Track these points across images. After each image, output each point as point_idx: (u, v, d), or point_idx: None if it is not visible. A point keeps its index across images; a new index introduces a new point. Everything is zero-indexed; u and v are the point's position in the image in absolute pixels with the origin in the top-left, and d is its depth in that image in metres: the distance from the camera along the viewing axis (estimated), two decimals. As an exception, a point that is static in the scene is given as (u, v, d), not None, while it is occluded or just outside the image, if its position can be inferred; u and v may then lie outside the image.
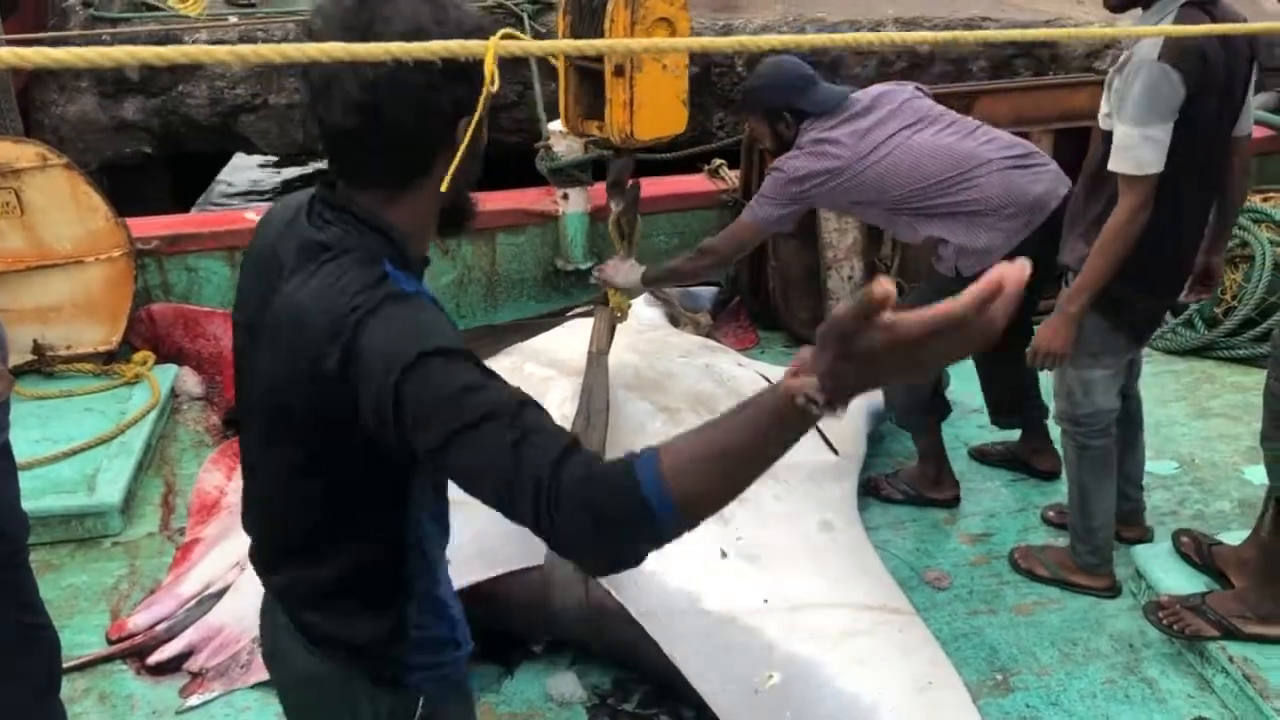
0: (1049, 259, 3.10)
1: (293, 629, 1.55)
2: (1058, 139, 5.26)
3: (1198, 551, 3.21)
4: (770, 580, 2.82)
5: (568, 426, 2.61)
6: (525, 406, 1.20)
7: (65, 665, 2.98)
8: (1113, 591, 3.30)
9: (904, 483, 3.80)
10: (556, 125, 5.12)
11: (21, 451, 3.73)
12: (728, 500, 1.16)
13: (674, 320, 4.53)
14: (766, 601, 2.76)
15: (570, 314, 4.72)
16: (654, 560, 1.20)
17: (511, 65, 7.48)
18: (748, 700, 2.62)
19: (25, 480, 3.63)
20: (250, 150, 7.98)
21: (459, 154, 1.35)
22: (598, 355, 3.34)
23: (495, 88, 1.26)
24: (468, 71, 1.30)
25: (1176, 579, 3.17)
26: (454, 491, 1.32)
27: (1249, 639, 2.88)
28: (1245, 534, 3.31)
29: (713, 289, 5.24)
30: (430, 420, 1.21)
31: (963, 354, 1.01)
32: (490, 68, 1.25)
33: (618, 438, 3.02)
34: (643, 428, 3.11)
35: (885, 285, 0.99)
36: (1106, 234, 2.83)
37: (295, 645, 1.55)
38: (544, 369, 3.51)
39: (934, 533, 3.64)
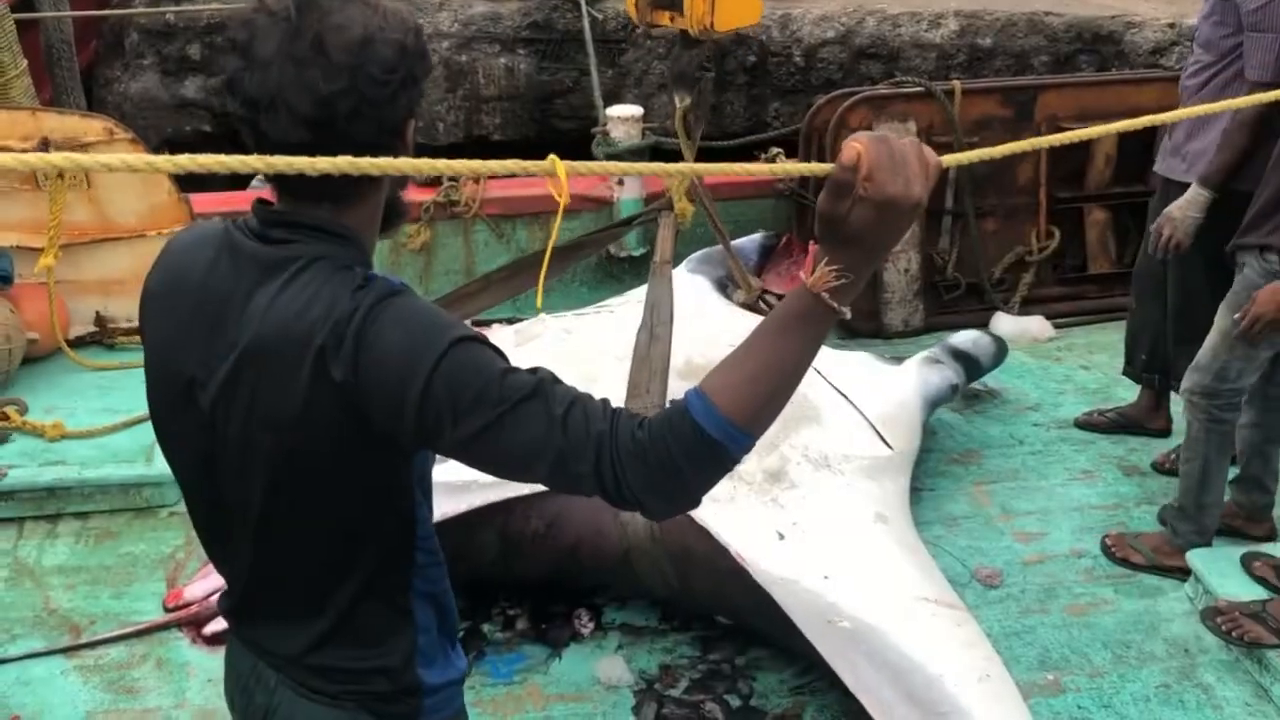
0: None
1: (286, 681, 1.45)
2: (1121, 136, 5.17)
3: (1279, 576, 3.11)
4: (829, 561, 2.79)
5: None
6: (556, 382, 1.24)
7: (124, 631, 3.06)
8: None
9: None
10: (614, 111, 5.14)
11: (81, 421, 3.84)
12: (780, 408, 1.24)
13: (723, 286, 4.35)
14: (827, 578, 2.73)
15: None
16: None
17: (570, 52, 7.50)
18: (823, 629, 2.61)
19: (86, 449, 3.74)
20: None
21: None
22: (661, 265, 3.28)
23: (567, 200, 1.21)
24: (417, 75, 1.29)
25: (1235, 584, 3.11)
26: None
27: None
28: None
29: (756, 238, 5.09)
30: (472, 408, 1.20)
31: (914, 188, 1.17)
32: (564, 184, 1.18)
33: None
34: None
35: (850, 145, 1.16)
36: None
37: (290, 698, 1.45)
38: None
39: (986, 530, 3.60)
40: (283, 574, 1.41)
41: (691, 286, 4.04)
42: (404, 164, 1.10)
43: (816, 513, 2.97)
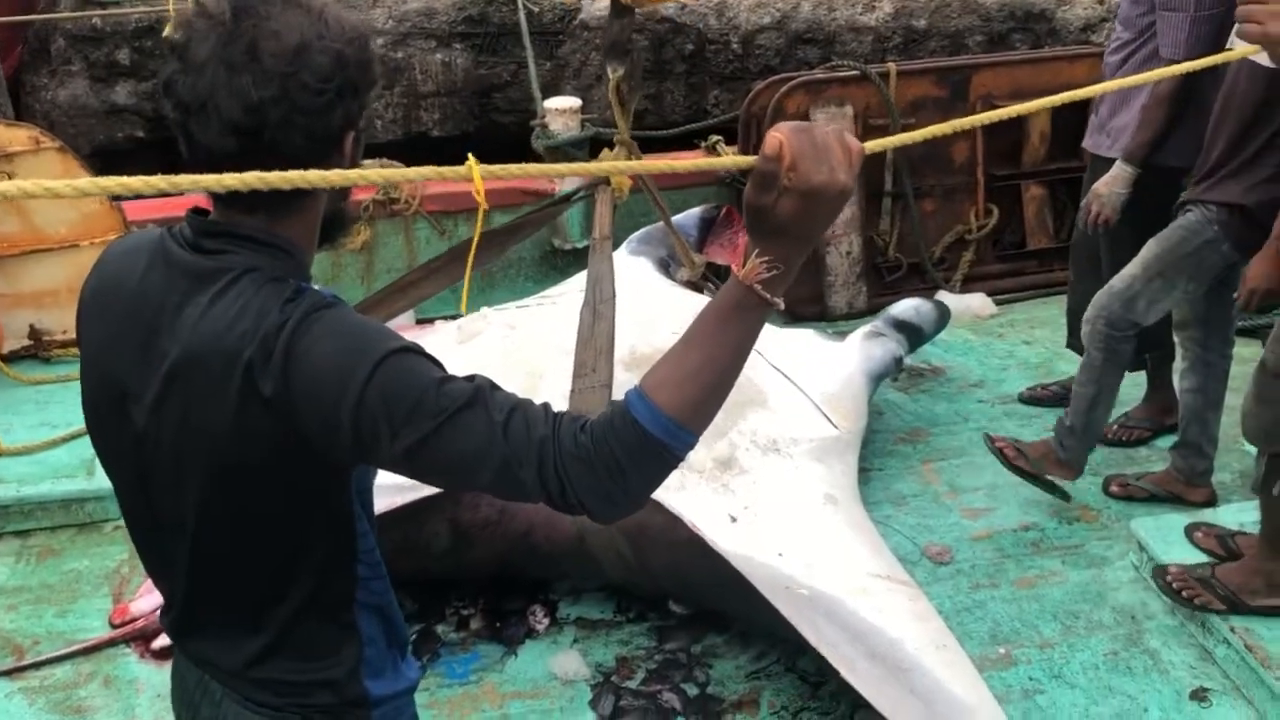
0: None
1: (234, 696, 1.43)
2: (1055, 113, 5.23)
3: (1222, 545, 3.15)
4: (781, 541, 2.81)
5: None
6: (495, 389, 1.23)
7: (69, 650, 3.01)
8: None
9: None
10: (551, 103, 5.11)
11: (20, 437, 3.77)
12: (720, 401, 1.24)
13: (666, 265, 4.29)
14: (781, 555, 2.74)
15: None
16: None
17: (507, 45, 7.45)
18: (781, 594, 2.62)
19: (25, 466, 3.67)
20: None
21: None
22: (600, 241, 3.24)
23: (485, 204, 1.23)
24: (356, 85, 1.26)
25: (1179, 552, 3.16)
26: None
27: (1254, 611, 2.87)
28: (1248, 507, 3.32)
29: (695, 213, 5.00)
30: (408, 420, 1.19)
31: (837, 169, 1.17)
32: (480, 188, 1.20)
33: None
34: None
35: (772, 136, 1.16)
36: None
37: (236, 711, 1.43)
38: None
39: (935, 508, 3.64)
40: (221, 589, 1.39)
41: (634, 269, 3.98)
42: (314, 176, 1.07)
43: (767, 496, 2.98)
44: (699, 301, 3.96)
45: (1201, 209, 3.27)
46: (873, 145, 1.31)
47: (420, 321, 4.85)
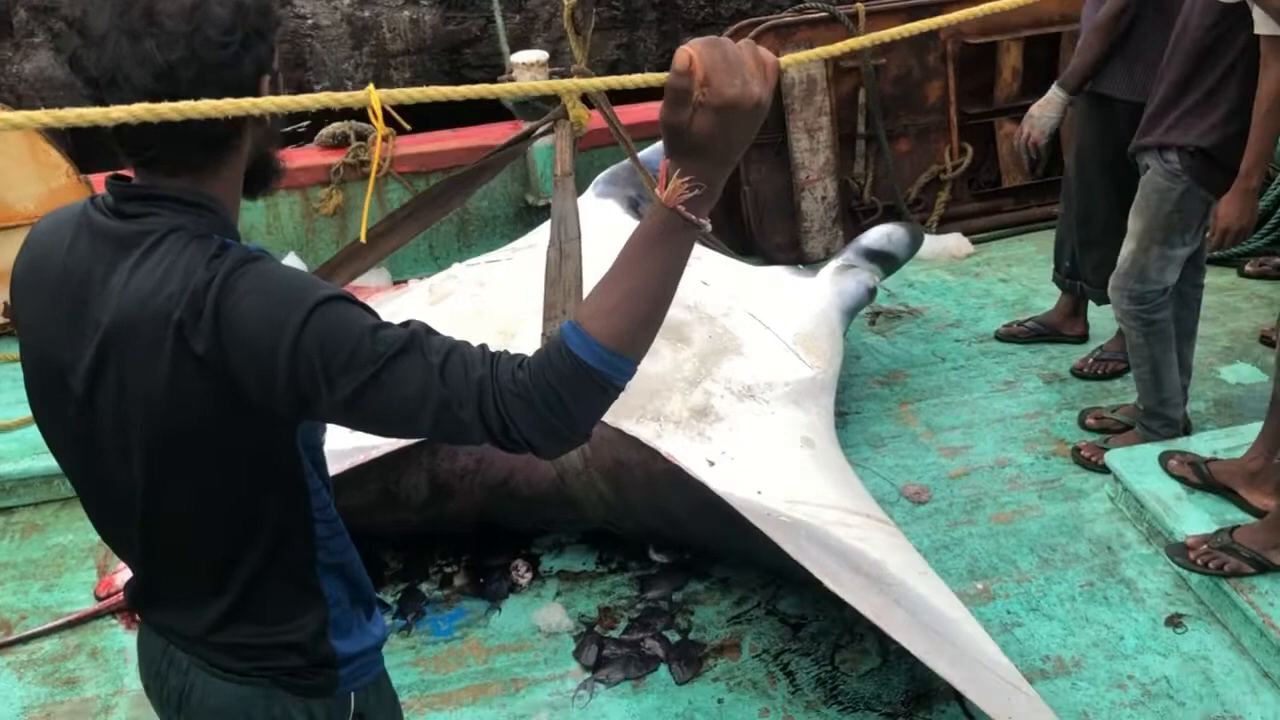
0: None
1: (199, 663, 1.44)
2: (1026, 47, 5.20)
3: (1196, 472, 3.15)
4: (759, 481, 2.83)
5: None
6: (430, 332, 1.23)
7: (56, 623, 3.03)
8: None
9: None
10: (519, 57, 5.06)
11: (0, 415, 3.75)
12: (657, 325, 1.25)
13: (634, 206, 4.20)
14: (760, 493, 2.76)
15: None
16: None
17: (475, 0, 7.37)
18: (763, 519, 2.63)
19: (5, 443, 3.67)
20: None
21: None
22: (563, 178, 3.21)
23: (383, 129, 1.21)
24: (260, 30, 1.25)
25: (1153, 480, 3.19)
26: None
27: None
28: (1220, 434, 3.35)
29: (660, 146, 5.02)
30: (345, 368, 1.19)
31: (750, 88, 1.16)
32: (378, 110, 1.16)
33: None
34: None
35: (682, 51, 1.15)
36: (1266, 101, 2.91)
37: (203, 679, 1.44)
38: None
39: (913, 448, 3.66)
40: (177, 556, 1.39)
41: (601, 212, 3.94)
42: (204, 105, 1.05)
43: (744, 441, 3.00)
44: None
45: (1160, 159, 3.21)
46: (788, 59, 1.30)
47: (397, 282, 4.84)
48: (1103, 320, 4.13)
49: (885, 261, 4.06)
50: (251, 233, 4.97)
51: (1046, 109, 3.70)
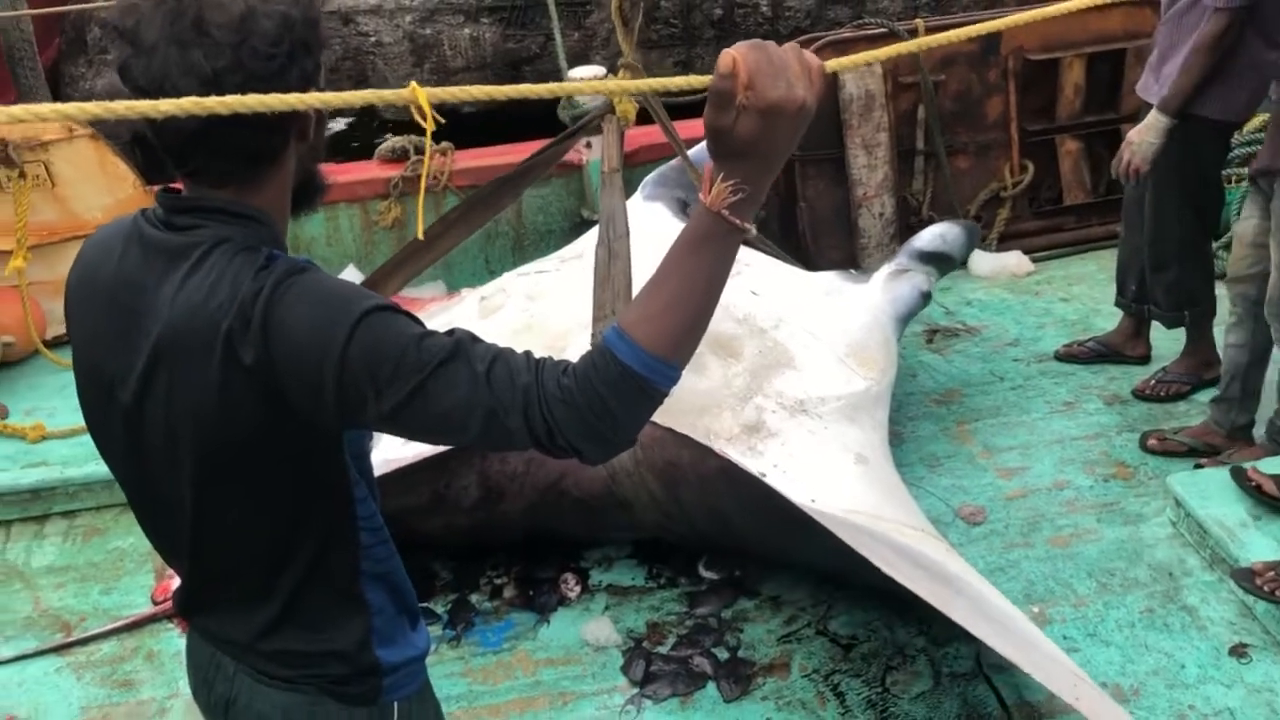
0: None
1: (246, 670, 1.45)
2: (1090, 63, 5.13)
3: (1277, 484, 3.05)
4: (814, 491, 2.79)
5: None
6: (475, 340, 1.24)
7: (114, 625, 3.09)
8: None
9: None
10: (576, 73, 5.10)
11: (65, 421, 3.85)
12: (702, 330, 1.24)
13: (684, 208, 4.11)
14: (814, 501, 2.73)
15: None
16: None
17: (535, 17, 7.43)
18: (817, 512, 2.63)
19: (69, 448, 3.75)
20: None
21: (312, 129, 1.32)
22: (610, 174, 3.18)
23: (433, 126, 1.19)
24: (307, 43, 1.26)
25: (1217, 506, 3.11)
26: None
27: None
28: (1288, 458, 3.26)
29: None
30: (393, 378, 1.19)
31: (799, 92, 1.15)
32: (428, 109, 1.16)
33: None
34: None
35: (726, 54, 1.14)
36: None
37: (249, 685, 1.46)
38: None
39: (969, 469, 3.61)
40: (225, 563, 1.41)
41: (650, 215, 3.89)
42: (251, 100, 1.08)
43: (796, 456, 2.97)
44: None
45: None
46: (834, 64, 1.29)
47: (452, 293, 4.88)
48: (1166, 341, 4.05)
49: (941, 262, 3.99)
50: (312, 245, 5.05)
51: (1147, 135, 3.54)
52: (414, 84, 1.14)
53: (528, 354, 1.24)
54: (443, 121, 1.18)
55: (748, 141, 1.17)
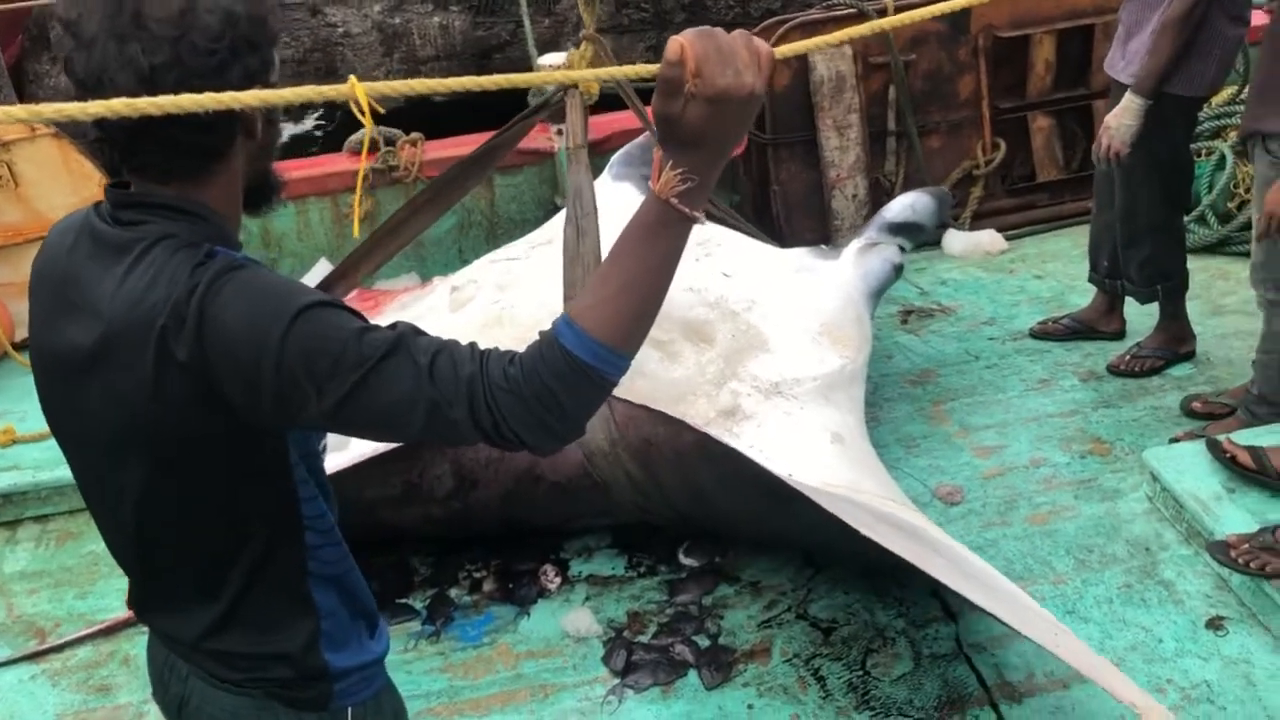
0: None
1: (196, 671, 1.44)
2: (1060, 40, 5.13)
3: (1253, 456, 3.06)
4: (791, 465, 2.79)
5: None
6: (417, 333, 1.22)
7: (90, 630, 3.05)
8: None
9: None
10: (544, 60, 5.07)
11: (33, 425, 3.81)
12: (652, 318, 1.23)
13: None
14: (790, 475, 2.73)
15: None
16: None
17: (504, 4, 7.37)
18: (794, 481, 2.64)
19: (40, 451, 3.71)
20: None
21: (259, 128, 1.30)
22: (576, 150, 3.15)
23: (371, 123, 1.17)
24: (251, 41, 1.24)
25: (1192, 480, 3.12)
26: None
27: None
28: (1263, 431, 3.27)
29: None
30: (333, 374, 1.17)
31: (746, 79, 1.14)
32: (366, 104, 1.14)
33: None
34: (640, 369, 3.03)
35: (674, 41, 1.13)
36: None
37: (201, 687, 1.44)
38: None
39: (946, 449, 3.61)
40: (169, 561, 1.39)
41: (618, 194, 3.85)
42: (205, 99, 1.06)
43: (772, 437, 2.96)
44: None
45: (1262, 148, 3.18)
46: (783, 50, 1.27)
47: (425, 282, 4.85)
48: (1140, 316, 4.06)
49: (912, 232, 3.98)
50: (283, 239, 5.01)
51: (1124, 118, 3.55)
52: (353, 79, 1.12)
53: (472, 345, 1.22)
54: (382, 111, 1.15)
55: (697, 129, 1.16)
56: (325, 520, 1.41)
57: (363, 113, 1.13)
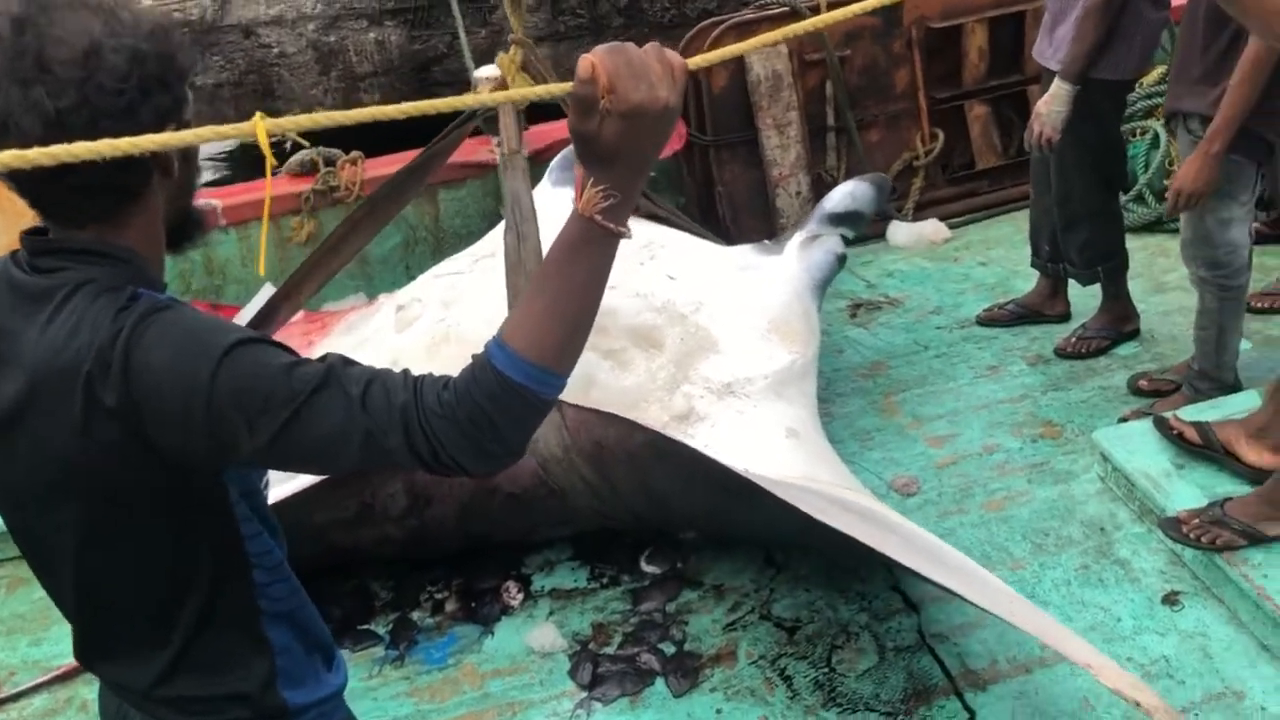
0: None
1: (147, 718, 1.42)
2: (992, 26, 5.19)
3: (1198, 431, 3.11)
4: (747, 462, 2.80)
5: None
6: (348, 363, 1.21)
7: (45, 678, 3.00)
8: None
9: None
10: (482, 72, 5.03)
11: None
12: (585, 336, 1.23)
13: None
14: (747, 470, 2.74)
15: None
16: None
17: (440, 17, 7.32)
18: (747, 474, 2.65)
19: (-15, 497, 3.62)
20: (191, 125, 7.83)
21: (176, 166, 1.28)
22: (511, 156, 3.14)
23: (274, 162, 1.18)
24: (164, 79, 1.22)
25: (1142, 458, 3.17)
26: None
27: (1275, 539, 2.76)
28: (1206, 406, 3.32)
29: None
30: (264, 410, 1.16)
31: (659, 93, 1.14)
32: (265, 142, 1.12)
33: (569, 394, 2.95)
34: (592, 380, 3.02)
35: (585, 59, 1.12)
36: (1247, 67, 2.91)
37: None
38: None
39: (899, 440, 3.64)
40: (113, 609, 1.37)
41: (558, 200, 3.83)
42: (103, 146, 1.03)
43: (726, 437, 2.97)
44: (634, 227, 3.84)
45: (1184, 127, 3.24)
46: (696, 60, 1.27)
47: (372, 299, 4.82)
48: (1083, 298, 4.11)
49: (853, 221, 4.00)
50: (227, 266, 4.95)
51: (1054, 104, 3.60)
52: (258, 115, 1.10)
53: (405, 372, 1.22)
54: (305, 145, 1.13)
55: (614, 146, 1.16)
56: (272, 557, 1.40)
57: (266, 151, 1.11)
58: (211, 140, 1.09)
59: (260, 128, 1.09)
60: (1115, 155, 3.91)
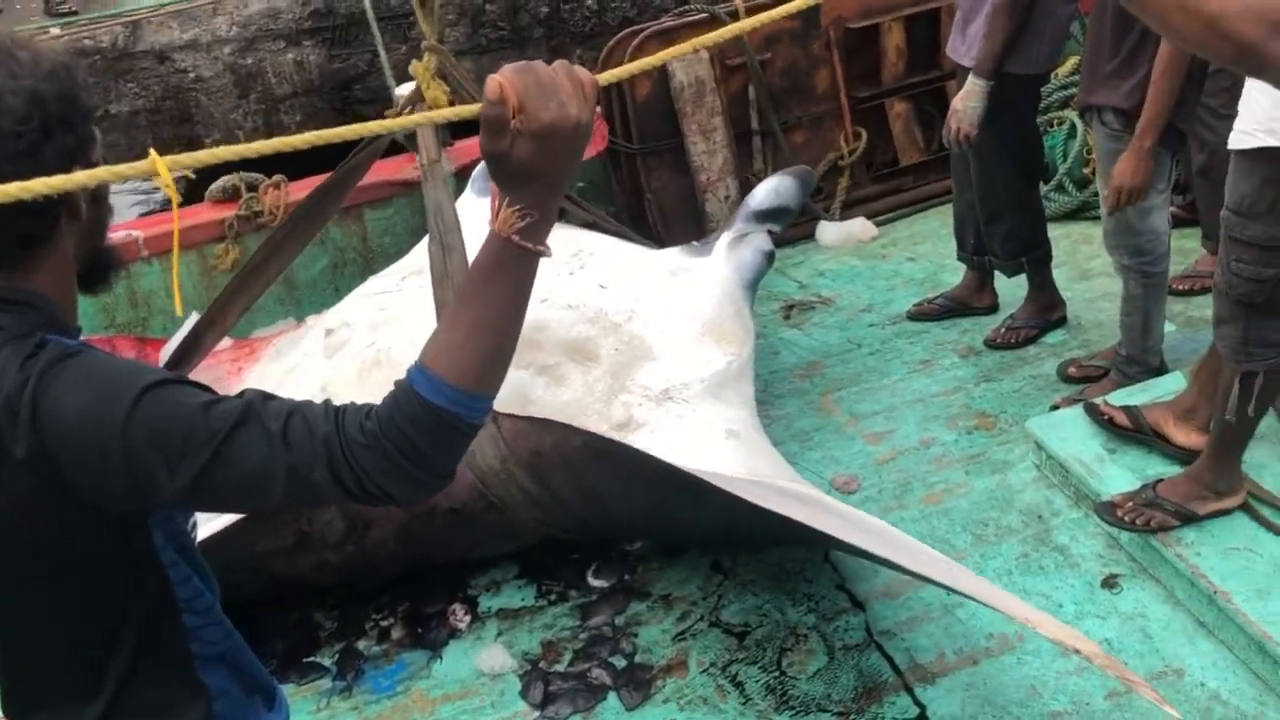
0: None
1: None
2: (908, 25, 5.25)
3: (1128, 414, 3.16)
4: (689, 463, 2.79)
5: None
6: (268, 398, 1.19)
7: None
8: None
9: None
10: (403, 89, 4.98)
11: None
12: (507, 356, 1.22)
13: None
14: (685, 464, 2.73)
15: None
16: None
17: (358, 35, 7.25)
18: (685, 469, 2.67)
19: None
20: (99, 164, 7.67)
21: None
22: (430, 166, 3.11)
23: (179, 199, 1.14)
24: (67, 119, 1.20)
25: (1075, 444, 3.22)
26: None
27: (1206, 518, 2.83)
28: (1136, 390, 3.39)
29: None
30: (184, 452, 1.14)
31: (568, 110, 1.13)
32: (167, 177, 1.09)
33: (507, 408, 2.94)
34: (528, 398, 3.00)
35: (492, 79, 1.11)
36: (1164, 62, 2.99)
37: None
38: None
39: (838, 438, 3.66)
40: (41, 662, 1.33)
41: (482, 210, 3.79)
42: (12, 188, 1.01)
43: (666, 441, 2.96)
44: (568, 236, 3.83)
45: (1098, 120, 3.31)
46: (606, 76, 1.27)
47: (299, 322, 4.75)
48: (1010, 289, 4.18)
49: (779, 216, 4.01)
50: (151, 297, 4.84)
51: (969, 100, 3.65)
52: (153, 152, 1.08)
53: (326, 403, 1.19)
54: (193, 176, 1.11)
55: (527, 165, 1.14)
56: (204, 600, 1.36)
57: (168, 187, 1.08)
58: (108, 180, 1.06)
59: (160, 164, 1.06)
60: (1033, 148, 3.98)
